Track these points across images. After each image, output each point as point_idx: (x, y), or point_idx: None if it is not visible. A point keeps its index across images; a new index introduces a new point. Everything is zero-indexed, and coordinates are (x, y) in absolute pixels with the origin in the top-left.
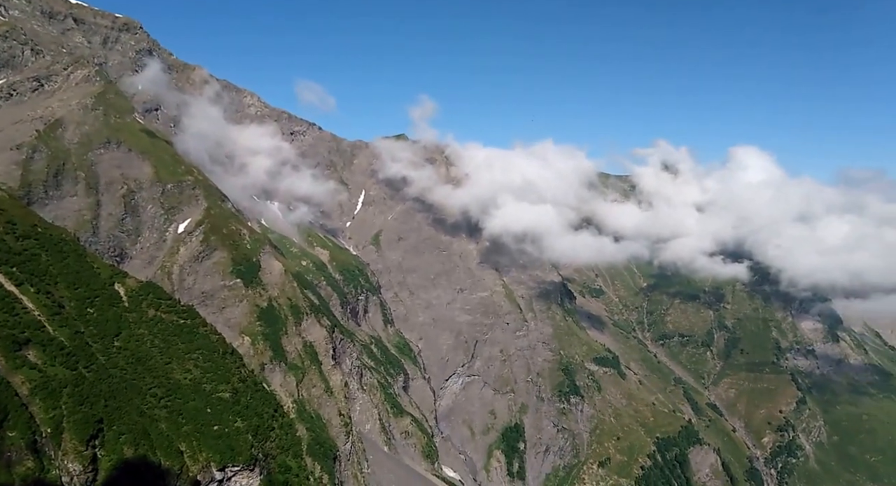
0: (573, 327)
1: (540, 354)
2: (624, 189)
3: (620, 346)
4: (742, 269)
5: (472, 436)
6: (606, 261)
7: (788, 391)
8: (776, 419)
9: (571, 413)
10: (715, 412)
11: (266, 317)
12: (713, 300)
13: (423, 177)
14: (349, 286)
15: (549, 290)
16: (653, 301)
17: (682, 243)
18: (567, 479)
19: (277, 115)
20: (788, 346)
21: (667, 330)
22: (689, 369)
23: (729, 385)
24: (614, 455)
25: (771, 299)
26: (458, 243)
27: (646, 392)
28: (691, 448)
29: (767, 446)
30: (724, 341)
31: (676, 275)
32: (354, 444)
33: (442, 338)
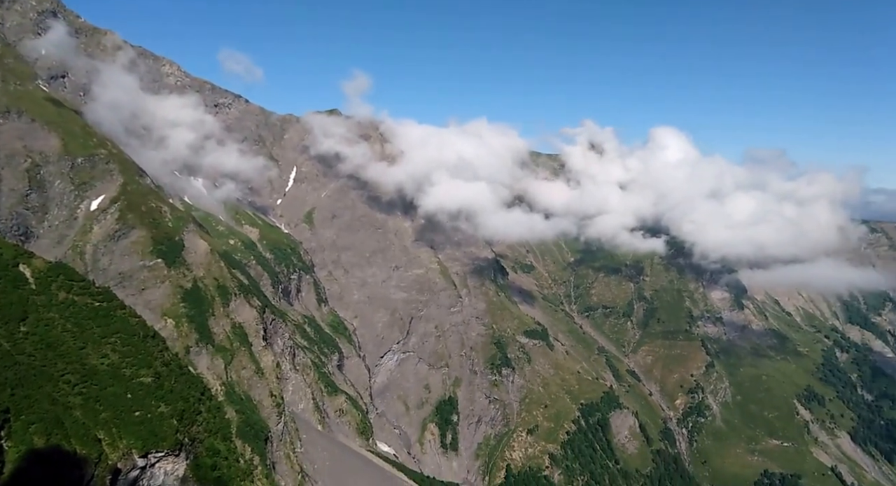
0: (505, 302)
1: (473, 329)
2: (554, 168)
3: (549, 319)
4: (660, 243)
5: (407, 411)
6: (537, 237)
7: (699, 356)
8: (688, 383)
9: (503, 384)
10: (634, 378)
11: (191, 298)
12: (634, 273)
13: (358, 154)
14: (281, 265)
15: (483, 266)
16: (579, 275)
17: (607, 219)
18: (497, 447)
19: (200, 85)
20: (700, 314)
21: (592, 303)
22: (612, 338)
23: (647, 353)
24: (542, 422)
25: (685, 271)
26: (393, 220)
27: (572, 362)
28: (612, 413)
29: (680, 407)
30: (643, 311)
31: (601, 250)
32: (287, 424)
33: (377, 316)
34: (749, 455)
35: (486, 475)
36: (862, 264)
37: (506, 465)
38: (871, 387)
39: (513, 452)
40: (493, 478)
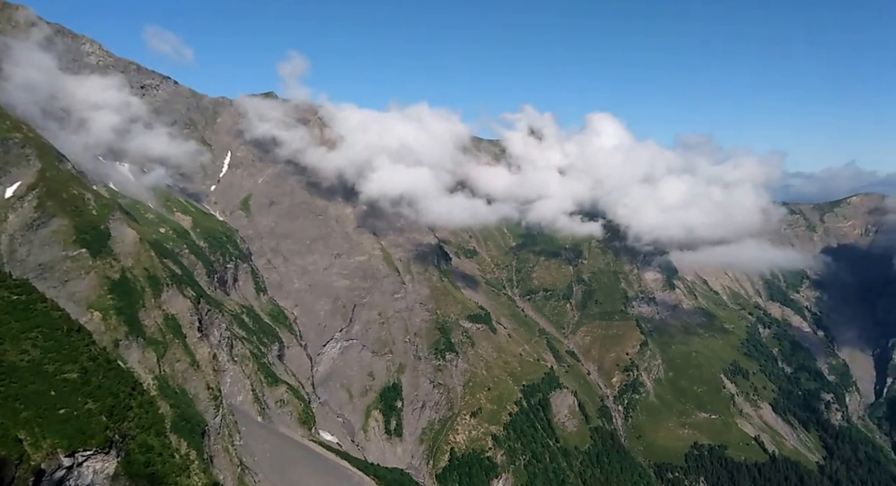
0: (449, 288)
1: (417, 314)
2: (495, 153)
3: (492, 303)
4: (597, 227)
5: (351, 399)
6: (480, 223)
7: (634, 335)
8: (623, 361)
9: (447, 369)
10: (573, 359)
11: (119, 290)
12: (573, 257)
13: (296, 138)
14: (216, 254)
15: (426, 252)
16: (521, 260)
17: (547, 204)
18: (442, 431)
19: (124, 66)
20: (634, 295)
21: (533, 286)
22: (552, 320)
23: (585, 333)
24: (485, 405)
25: (620, 253)
26: (334, 207)
27: (514, 345)
28: (552, 393)
29: (616, 385)
30: (582, 293)
31: (541, 234)
32: (225, 417)
33: (319, 304)
34: (680, 429)
35: (431, 459)
36: (782, 244)
37: (450, 448)
38: (791, 360)
39: (457, 435)
40: (438, 462)
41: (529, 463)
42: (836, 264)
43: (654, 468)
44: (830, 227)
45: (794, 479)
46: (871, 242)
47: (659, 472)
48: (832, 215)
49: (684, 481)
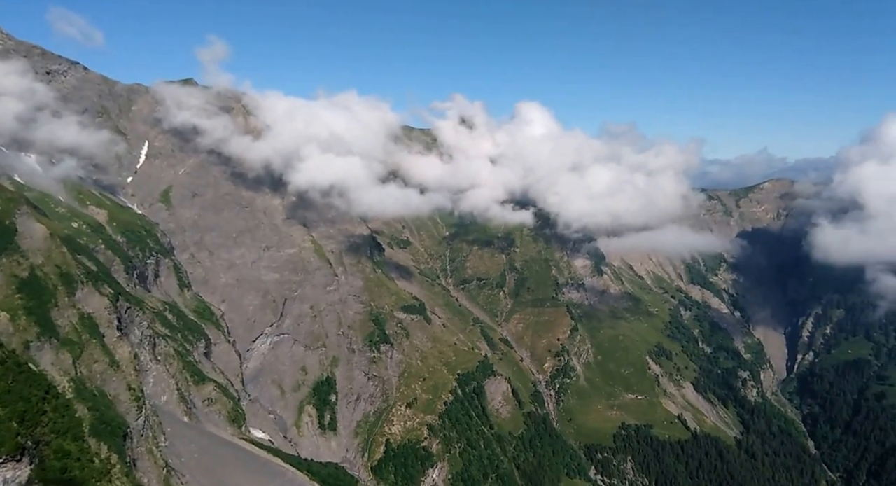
0: (383, 279)
1: (351, 307)
2: (427, 142)
3: (426, 293)
4: (528, 215)
5: (283, 395)
6: (413, 213)
7: (564, 321)
8: (555, 347)
9: (382, 361)
10: (507, 346)
11: (28, 289)
12: (505, 245)
13: (219, 127)
14: (135, 249)
15: (359, 243)
16: (454, 249)
17: (479, 193)
18: (377, 423)
19: (27, 50)
20: (565, 282)
21: (466, 275)
22: (486, 309)
23: (518, 320)
24: (421, 395)
25: (551, 241)
26: (261, 198)
27: (449, 334)
28: (487, 380)
29: (548, 370)
30: (515, 281)
31: (474, 223)
32: (148, 418)
33: (247, 299)
34: (609, 410)
35: (366, 451)
36: (701, 229)
37: (385, 440)
38: (710, 340)
39: (392, 426)
40: (373, 454)
41: (465, 451)
42: (751, 248)
43: (585, 450)
44: (745, 212)
45: (714, 454)
46: (782, 225)
47: (589, 453)
48: (747, 201)
49: (613, 460)
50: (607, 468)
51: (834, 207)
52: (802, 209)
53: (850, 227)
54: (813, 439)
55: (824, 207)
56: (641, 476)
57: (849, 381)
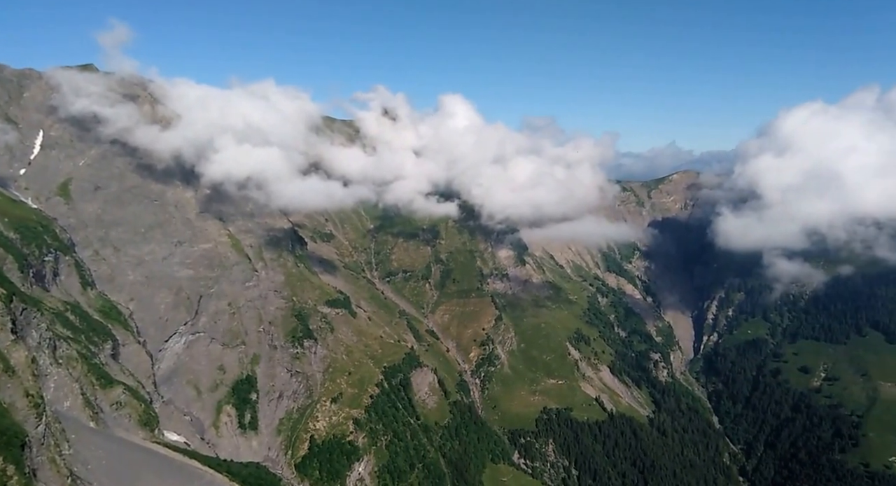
0: (305, 273)
1: (272, 302)
2: (349, 134)
3: (351, 287)
4: (453, 207)
5: (199, 395)
6: (336, 205)
7: (489, 311)
8: (480, 336)
9: (305, 357)
10: (433, 337)
11: None
12: (430, 237)
13: (122, 116)
14: (30, 246)
15: (280, 237)
16: (379, 242)
17: (403, 185)
18: (301, 420)
19: None
20: (489, 272)
21: (392, 268)
22: (412, 301)
23: (444, 312)
24: (346, 390)
25: (475, 232)
26: (172, 191)
27: (375, 327)
28: (413, 372)
29: (473, 360)
30: (440, 273)
31: (399, 216)
32: (49, 425)
33: (159, 297)
34: (531, 396)
35: (289, 449)
36: (616, 219)
37: (309, 436)
38: (625, 325)
39: (316, 422)
40: (297, 451)
41: (391, 443)
42: (662, 236)
43: (509, 435)
44: (656, 202)
45: (629, 433)
46: (689, 215)
47: (513, 438)
48: (657, 192)
49: (535, 444)
50: (530, 451)
51: (735, 197)
52: (707, 199)
53: (749, 215)
54: (717, 414)
55: (726, 198)
56: (562, 458)
57: (748, 359)
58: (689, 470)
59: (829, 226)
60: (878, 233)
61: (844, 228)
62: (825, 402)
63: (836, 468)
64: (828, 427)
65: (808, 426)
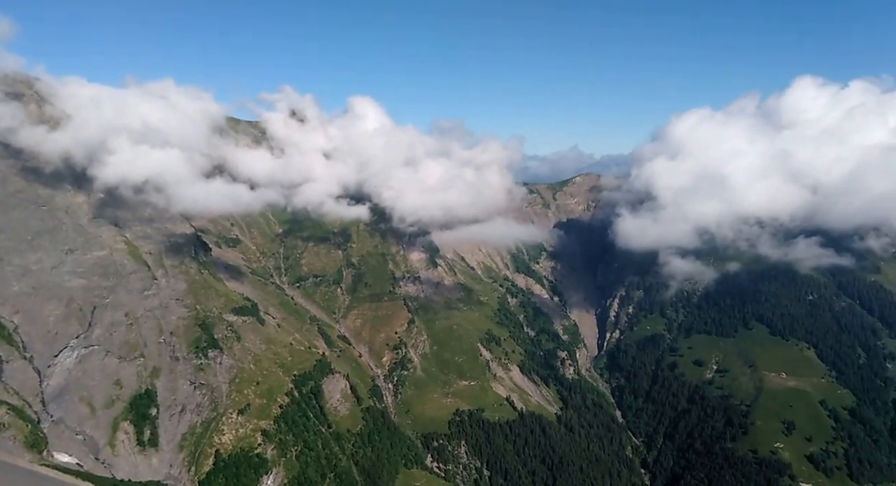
0: (210, 280)
1: (173, 312)
2: (255, 135)
3: (259, 293)
4: (364, 210)
5: (93, 412)
6: (243, 209)
7: (402, 314)
8: (393, 340)
9: (210, 368)
10: (345, 343)
11: None
12: (341, 241)
13: (5, 115)
14: None
15: (181, 243)
16: (288, 246)
17: (313, 188)
18: (205, 434)
19: None
20: (401, 275)
21: (302, 273)
22: (323, 306)
23: (356, 316)
24: (254, 400)
25: (387, 235)
26: (62, 195)
27: (284, 334)
28: (325, 379)
29: (386, 364)
30: (352, 277)
31: (308, 219)
32: None
33: (48, 308)
34: (444, 398)
35: (193, 465)
36: (524, 220)
37: (214, 451)
38: (534, 324)
39: (222, 436)
40: (201, 467)
41: (301, 453)
42: (567, 237)
43: (422, 439)
44: (561, 204)
45: (538, 431)
46: (592, 216)
47: (426, 442)
48: (562, 194)
49: (448, 446)
50: (443, 454)
51: (632, 198)
52: (607, 201)
53: (645, 216)
54: (620, 409)
55: (625, 199)
56: (474, 459)
57: (648, 354)
58: (595, 465)
59: (718, 226)
60: (760, 232)
61: (731, 228)
62: (717, 393)
63: (727, 455)
64: (720, 417)
65: (703, 417)
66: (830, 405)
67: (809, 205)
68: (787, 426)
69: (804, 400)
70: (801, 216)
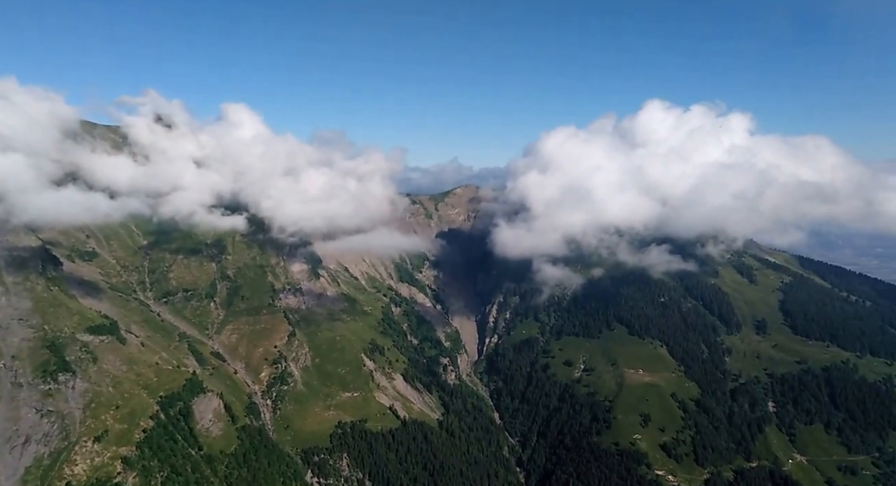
0: (60, 297)
1: (16, 333)
2: (115, 141)
3: (120, 310)
4: (240, 220)
5: None
6: (100, 220)
7: (282, 328)
8: (272, 355)
9: (60, 393)
10: (219, 360)
11: None
12: (216, 253)
13: None
14: None
15: (26, 257)
16: (154, 259)
17: (182, 197)
18: (53, 466)
19: None
20: (281, 287)
21: (170, 287)
22: (194, 322)
23: (231, 331)
24: (113, 426)
25: (266, 246)
26: None
27: (149, 354)
28: (195, 399)
29: (265, 380)
30: (227, 290)
31: (177, 230)
32: None
33: None
34: (326, 411)
35: None
36: (407, 231)
37: (65, 483)
38: (417, 332)
39: (74, 467)
40: None
41: (168, 479)
42: (449, 246)
43: (302, 455)
44: (443, 214)
45: (420, 438)
46: (472, 226)
47: (306, 457)
48: (444, 204)
49: (329, 460)
50: (324, 468)
51: (508, 209)
52: (486, 212)
53: (520, 226)
54: (498, 411)
55: (502, 210)
56: (356, 471)
57: (523, 357)
58: (474, 466)
59: (583, 234)
60: (619, 240)
61: (594, 237)
62: (584, 391)
63: (593, 449)
64: (587, 413)
65: (572, 414)
66: (680, 397)
67: (660, 216)
68: (644, 419)
69: (658, 394)
70: (653, 226)
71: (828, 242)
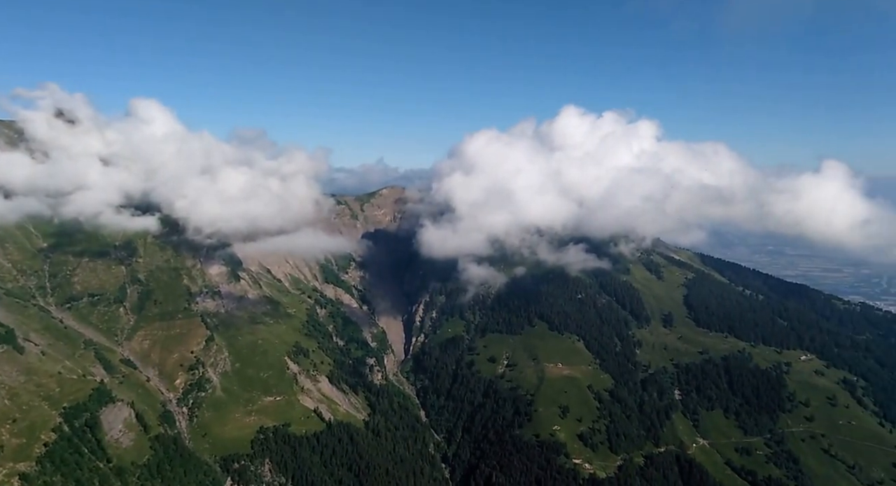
0: None
1: None
2: (10, 136)
3: (17, 317)
4: (152, 221)
5: None
6: None
7: (199, 332)
8: (188, 360)
9: None
10: (129, 367)
11: None
12: (125, 255)
13: None
14: None
15: None
16: (55, 263)
17: (87, 196)
18: None
19: None
20: (198, 290)
21: (74, 292)
22: (101, 328)
23: (143, 337)
24: (9, 441)
25: (181, 248)
26: None
27: (51, 363)
28: (103, 409)
29: (180, 387)
30: (138, 294)
31: (82, 232)
32: None
33: None
34: (247, 417)
35: None
36: (333, 231)
37: None
38: (343, 334)
39: None
40: None
41: None
42: (375, 247)
43: (221, 462)
44: (369, 215)
45: (346, 439)
46: (398, 226)
47: (225, 465)
48: (370, 205)
49: (250, 467)
50: (244, 475)
51: (434, 210)
52: (412, 212)
53: (446, 227)
54: (424, 408)
55: (427, 211)
56: (278, 476)
57: (449, 355)
58: (400, 465)
59: (506, 234)
60: (539, 240)
61: (517, 237)
62: (507, 385)
63: (515, 442)
64: (510, 407)
65: (495, 409)
66: (595, 389)
67: (577, 216)
68: (562, 411)
69: (576, 386)
70: (571, 226)
71: (726, 241)
